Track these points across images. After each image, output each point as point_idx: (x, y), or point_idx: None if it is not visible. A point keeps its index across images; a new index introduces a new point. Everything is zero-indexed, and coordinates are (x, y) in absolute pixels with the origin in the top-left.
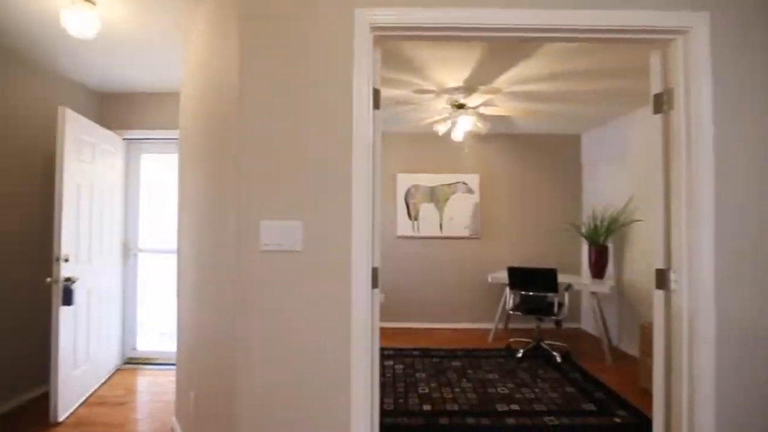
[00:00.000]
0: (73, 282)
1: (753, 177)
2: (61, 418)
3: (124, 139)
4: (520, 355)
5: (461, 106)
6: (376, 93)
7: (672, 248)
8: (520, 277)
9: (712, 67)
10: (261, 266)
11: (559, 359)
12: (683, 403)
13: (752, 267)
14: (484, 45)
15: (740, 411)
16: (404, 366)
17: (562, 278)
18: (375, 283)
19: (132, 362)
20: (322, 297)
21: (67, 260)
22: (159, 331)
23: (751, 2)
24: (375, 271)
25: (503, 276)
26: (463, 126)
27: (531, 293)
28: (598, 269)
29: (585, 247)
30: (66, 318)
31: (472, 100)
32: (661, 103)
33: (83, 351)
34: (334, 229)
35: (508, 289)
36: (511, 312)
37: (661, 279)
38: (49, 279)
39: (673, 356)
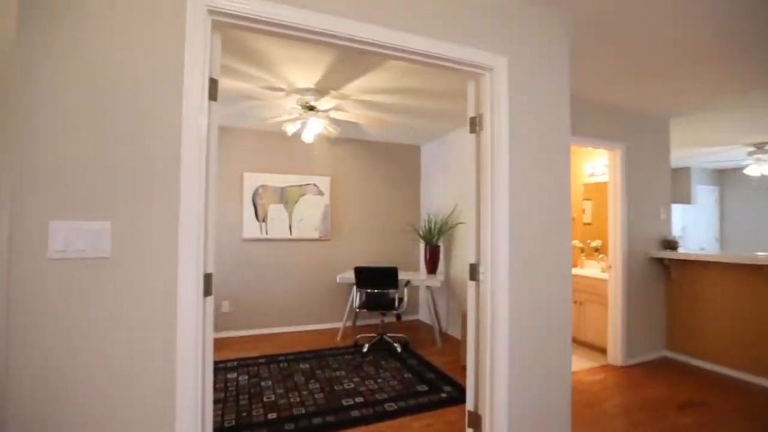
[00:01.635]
0: None
1: (533, 187)
2: None
3: None
4: (365, 349)
5: (312, 108)
6: (213, 83)
7: (481, 246)
8: (365, 276)
9: (508, 99)
10: (50, 279)
11: (399, 349)
12: (487, 371)
13: (531, 260)
14: (336, 51)
15: (525, 372)
16: (249, 376)
17: (403, 275)
18: (208, 291)
19: None
20: (139, 311)
21: None
22: None
23: (534, 52)
24: (208, 278)
25: (351, 276)
26: (314, 128)
27: (375, 290)
28: (431, 266)
29: (422, 247)
30: None
31: (323, 103)
32: (475, 125)
33: None
34: (157, 230)
35: (354, 288)
36: (357, 310)
37: (473, 272)
38: None
39: (480, 335)
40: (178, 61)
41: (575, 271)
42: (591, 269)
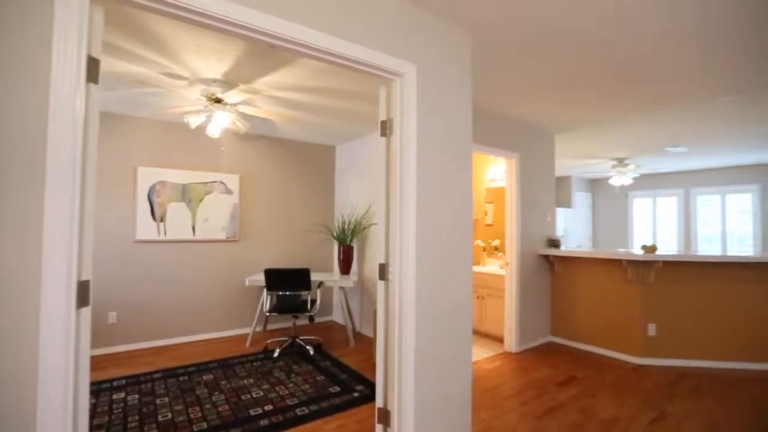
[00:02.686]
0: None
1: (438, 190)
2: None
3: None
4: (276, 354)
5: (218, 101)
6: (93, 62)
7: (390, 247)
8: (276, 279)
9: (417, 105)
10: None
11: (312, 352)
12: (395, 367)
13: (437, 259)
14: (245, 43)
15: (430, 365)
16: (140, 394)
17: (316, 276)
18: (84, 301)
19: None
20: None
21: None
22: None
23: (441, 63)
24: (84, 285)
25: (261, 278)
26: (220, 122)
27: (287, 293)
28: (345, 266)
29: (336, 247)
30: None
31: (231, 97)
32: (386, 129)
33: None
34: (15, 231)
35: (265, 291)
36: (268, 314)
37: (383, 272)
38: None
39: (389, 333)
40: (44, 32)
41: (478, 268)
42: (491, 266)
